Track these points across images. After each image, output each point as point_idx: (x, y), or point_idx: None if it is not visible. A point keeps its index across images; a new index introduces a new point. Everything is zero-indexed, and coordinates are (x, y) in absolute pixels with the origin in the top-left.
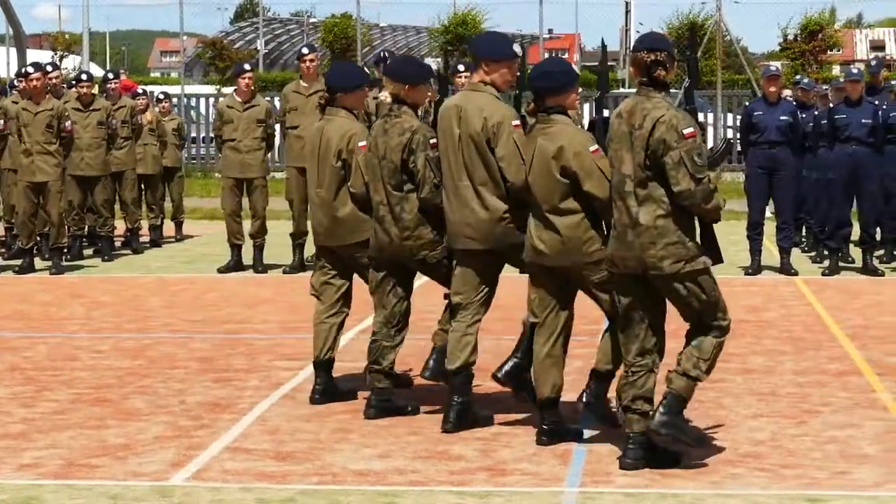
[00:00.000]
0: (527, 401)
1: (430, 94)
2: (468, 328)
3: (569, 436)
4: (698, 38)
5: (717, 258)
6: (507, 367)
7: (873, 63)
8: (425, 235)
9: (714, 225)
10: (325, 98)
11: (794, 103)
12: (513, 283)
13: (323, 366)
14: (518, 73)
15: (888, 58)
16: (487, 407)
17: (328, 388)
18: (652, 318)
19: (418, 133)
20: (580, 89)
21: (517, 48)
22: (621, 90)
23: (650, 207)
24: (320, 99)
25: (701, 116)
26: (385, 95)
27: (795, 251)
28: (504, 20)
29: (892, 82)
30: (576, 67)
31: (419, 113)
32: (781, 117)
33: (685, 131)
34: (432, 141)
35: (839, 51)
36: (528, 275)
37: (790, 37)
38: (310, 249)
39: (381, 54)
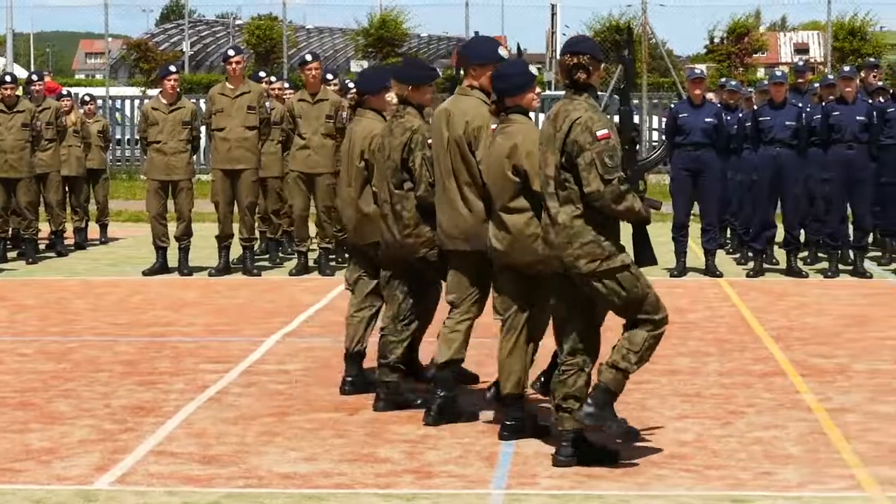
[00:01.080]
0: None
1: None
2: (457, 325)
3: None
4: (631, 40)
5: (649, 260)
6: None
7: (800, 64)
8: (425, 234)
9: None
10: (355, 100)
11: (719, 105)
12: None
13: (353, 358)
14: None
15: (812, 60)
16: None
17: (358, 380)
18: (583, 318)
19: (418, 132)
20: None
21: (503, 51)
22: (547, 93)
23: (568, 208)
24: (351, 101)
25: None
26: (392, 97)
27: (720, 253)
28: (430, 23)
29: (816, 85)
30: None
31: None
32: (706, 119)
33: (599, 133)
34: (430, 141)
35: (764, 53)
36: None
37: (716, 39)
38: (235, 252)
39: (305, 57)
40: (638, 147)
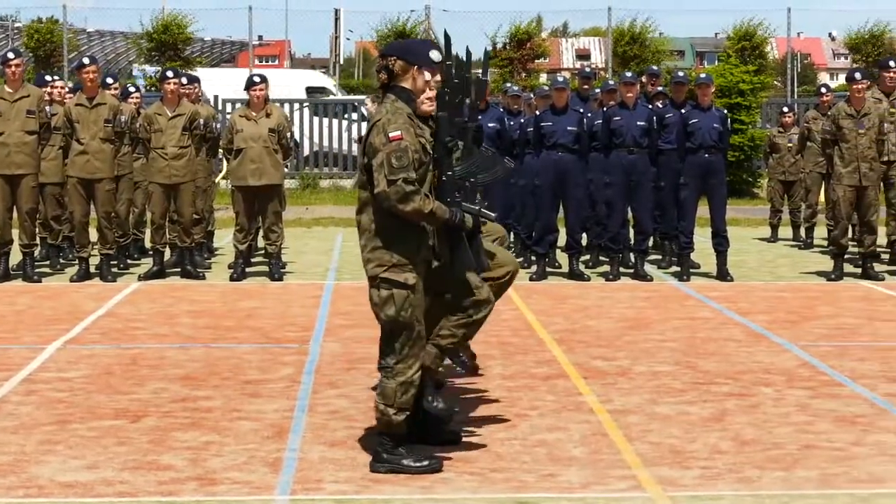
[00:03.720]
0: None
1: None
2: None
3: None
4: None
5: (468, 264)
6: None
7: (587, 70)
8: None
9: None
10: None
11: (502, 110)
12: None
13: None
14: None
15: (594, 66)
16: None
17: None
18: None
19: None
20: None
21: (436, 54)
22: (331, 97)
23: (369, 210)
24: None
25: None
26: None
27: None
28: (213, 27)
29: (597, 91)
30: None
31: None
32: (489, 124)
33: (391, 134)
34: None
35: (546, 59)
36: None
37: (499, 45)
38: (15, 258)
39: (82, 61)
40: (456, 153)
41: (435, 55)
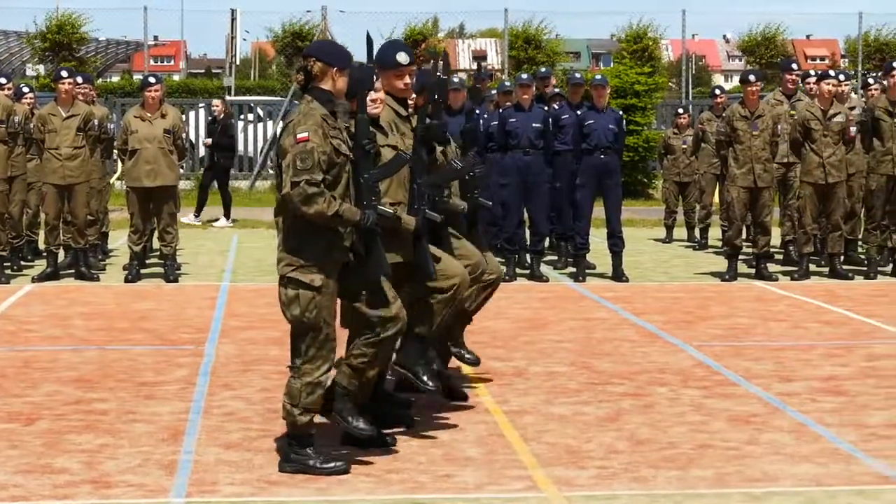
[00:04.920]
0: None
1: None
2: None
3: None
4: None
5: (379, 269)
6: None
7: (484, 71)
8: None
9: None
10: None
11: None
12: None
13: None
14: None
15: (490, 67)
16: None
17: None
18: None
19: None
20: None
21: (402, 56)
22: (227, 98)
23: (285, 210)
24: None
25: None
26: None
27: None
28: (108, 27)
29: (493, 92)
30: (182, 75)
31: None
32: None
33: (299, 135)
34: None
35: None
36: None
37: None
38: None
39: None
40: (377, 156)
41: (402, 57)
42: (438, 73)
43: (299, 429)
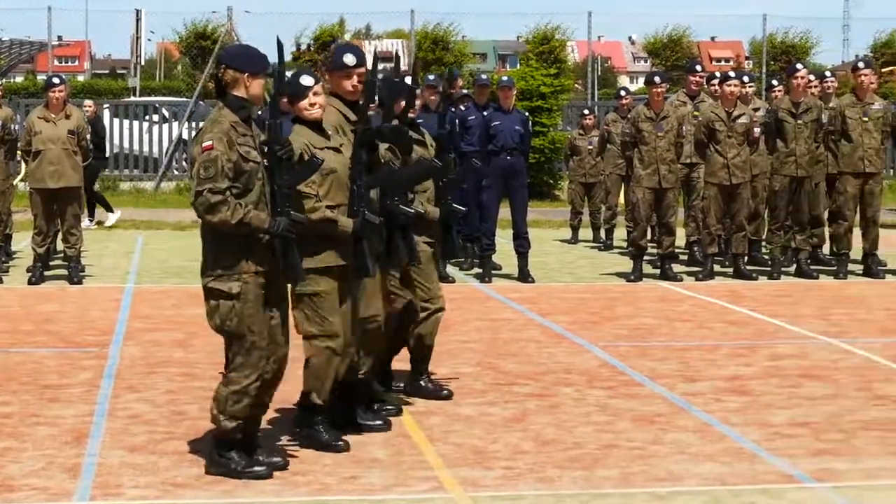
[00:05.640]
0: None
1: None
2: None
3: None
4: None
5: (294, 273)
6: None
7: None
8: None
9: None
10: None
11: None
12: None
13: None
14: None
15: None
16: None
17: None
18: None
19: None
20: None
21: (349, 58)
22: (132, 98)
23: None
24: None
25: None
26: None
27: None
28: (11, 26)
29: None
30: (86, 76)
31: None
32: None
33: (204, 144)
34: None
35: None
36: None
37: (303, 47)
38: None
39: None
40: (293, 161)
41: (349, 58)
42: (405, 80)
43: (227, 434)
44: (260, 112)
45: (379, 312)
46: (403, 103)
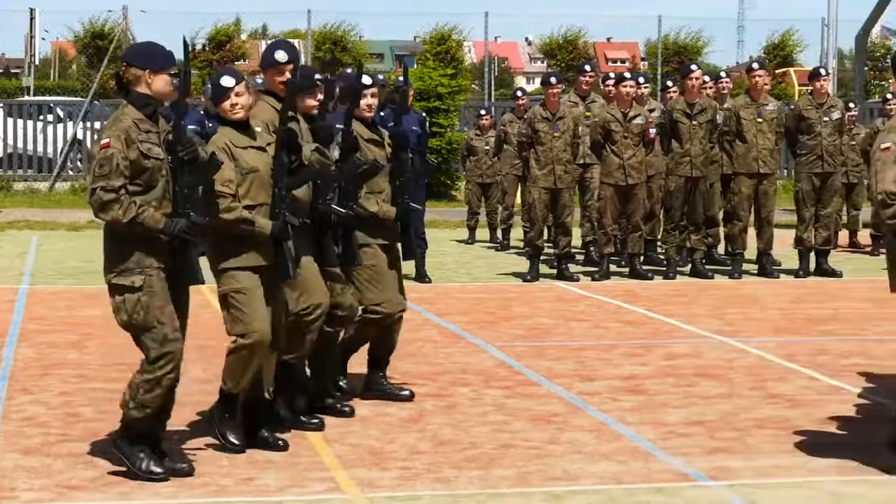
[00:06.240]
0: None
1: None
2: None
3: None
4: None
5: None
6: None
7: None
8: None
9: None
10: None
11: (202, 112)
12: None
13: None
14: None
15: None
16: None
17: None
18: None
19: None
20: None
21: (280, 54)
22: (26, 98)
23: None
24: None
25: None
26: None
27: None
28: None
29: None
30: None
31: None
32: (190, 126)
33: (102, 141)
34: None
35: (246, 61)
36: None
37: (199, 47)
38: None
39: None
40: (197, 162)
41: (280, 55)
42: (400, 83)
43: (133, 423)
44: (164, 109)
45: (319, 302)
46: (310, 100)
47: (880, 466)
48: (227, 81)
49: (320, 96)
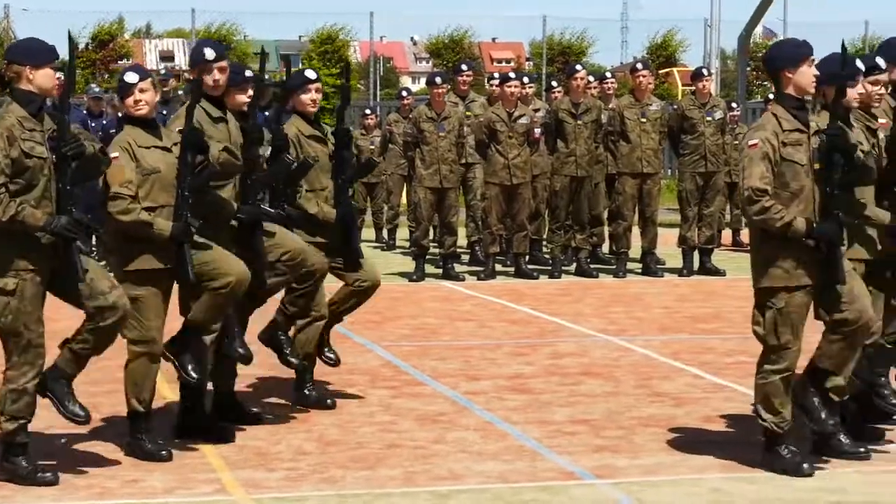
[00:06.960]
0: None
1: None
2: None
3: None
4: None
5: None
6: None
7: (165, 72)
8: None
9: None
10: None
11: (85, 112)
12: None
13: None
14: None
15: (177, 68)
16: None
17: None
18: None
19: None
20: None
21: (209, 52)
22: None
23: None
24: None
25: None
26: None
27: None
28: None
29: (180, 92)
30: None
31: None
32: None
33: None
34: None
35: (129, 60)
36: None
37: (81, 46)
38: None
39: None
40: (82, 158)
41: (209, 53)
42: (343, 82)
43: (7, 436)
44: (49, 108)
45: (229, 277)
46: (240, 96)
47: (763, 463)
48: (131, 77)
49: (251, 92)
